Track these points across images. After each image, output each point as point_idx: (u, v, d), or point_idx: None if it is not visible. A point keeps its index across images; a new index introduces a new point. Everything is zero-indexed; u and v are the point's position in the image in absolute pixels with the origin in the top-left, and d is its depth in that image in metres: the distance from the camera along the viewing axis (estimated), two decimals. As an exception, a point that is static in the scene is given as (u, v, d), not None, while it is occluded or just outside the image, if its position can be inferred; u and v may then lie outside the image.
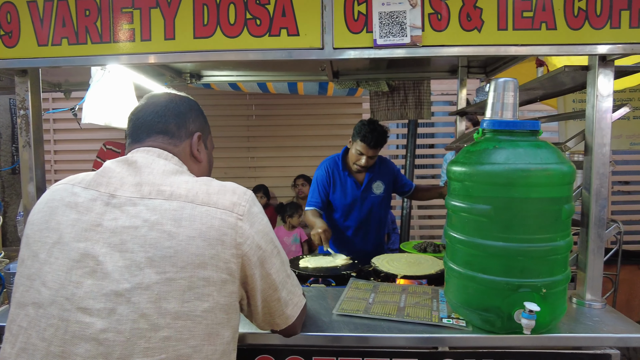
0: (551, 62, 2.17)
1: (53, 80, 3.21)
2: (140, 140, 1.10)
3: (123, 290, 0.86)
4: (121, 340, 0.84)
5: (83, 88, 3.00)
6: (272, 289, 1.03)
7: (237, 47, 1.31)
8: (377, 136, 2.45)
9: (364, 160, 2.51)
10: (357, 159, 2.54)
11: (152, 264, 0.87)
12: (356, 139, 2.51)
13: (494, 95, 1.29)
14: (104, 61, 1.36)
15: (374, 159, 2.56)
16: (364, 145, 2.46)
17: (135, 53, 1.34)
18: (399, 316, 1.34)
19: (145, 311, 0.85)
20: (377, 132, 2.46)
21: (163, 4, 1.32)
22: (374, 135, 2.44)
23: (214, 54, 1.31)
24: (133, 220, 0.91)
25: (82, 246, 0.90)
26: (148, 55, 1.33)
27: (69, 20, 1.36)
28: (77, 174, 1.05)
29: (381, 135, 2.48)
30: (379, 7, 1.27)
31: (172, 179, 0.98)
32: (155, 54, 1.33)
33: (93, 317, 0.86)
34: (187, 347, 0.87)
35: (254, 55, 1.30)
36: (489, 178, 1.20)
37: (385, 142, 2.56)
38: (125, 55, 1.34)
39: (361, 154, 2.50)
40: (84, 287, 0.88)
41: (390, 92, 3.05)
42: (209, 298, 0.90)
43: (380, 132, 2.48)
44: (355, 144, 2.53)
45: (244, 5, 1.30)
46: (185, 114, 1.14)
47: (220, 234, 0.92)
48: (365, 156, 2.50)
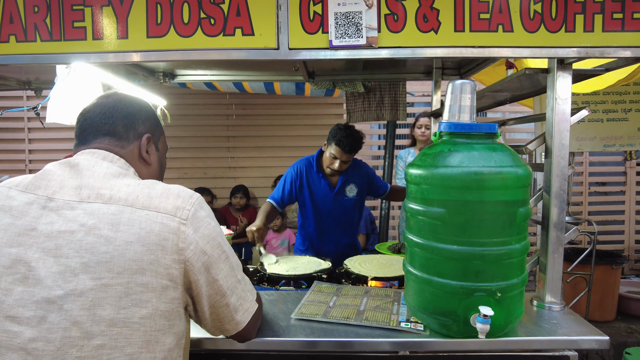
0: (522, 65, 2.18)
1: (22, 78, 3.13)
2: (86, 142, 1.07)
3: (55, 297, 0.83)
4: (51, 349, 0.81)
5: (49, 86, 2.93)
6: (219, 295, 1.01)
7: (191, 46, 1.28)
8: (352, 141, 2.44)
9: (338, 164, 2.50)
10: (331, 162, 2.52)
11: (87, 270, 0.85)
12: (331, 143, 2.50)
13: (451, 97, 1.28)
14: (53, 60, 1.32)
15: (347, 163, 2.55)
16: (338, 149, 2.45)
17: (86, 52, 1.30)
18: (357, 320, 1.32)
19: (78, 319, 0.83)
20: (353, 138, 2.45)
21: (115, 2, 1.29)
22: (349, 140, 2.43)
23: (167, 54, 1.28)
24: (69, 224, 0.88)
25: (14, 251, 0.87)
26: (100, 54, 1.30)
27: (17, 16, 1.32)
28: (17, 177, 1.01)
29: (356, 141, 2.47)
30: (334, 7, 1.26)
31: (113, 182, 0.95)
32: (107, 52, 1.30)
33: (22, 326, 0.82)
34: (123, 355, 0.85)
35: (209, 55, 1.28)
36: (443, 181, 1.19)
37: (360, 147, 2.55)
38: (76, 54, 1.31)
39: (335, 157, 2.49)
40: (13, 295, 0.84)
41: (367, 93, 3.04)
42: (147, 304, 0.87)
43: (356, 137, 2.47)
44: (330, 148, 2.51)
45: (198, 5, 1.27)
46: (135, 115, 1.11)
47: (161, 239, 0.90)
48: (339, 160, 2.49)
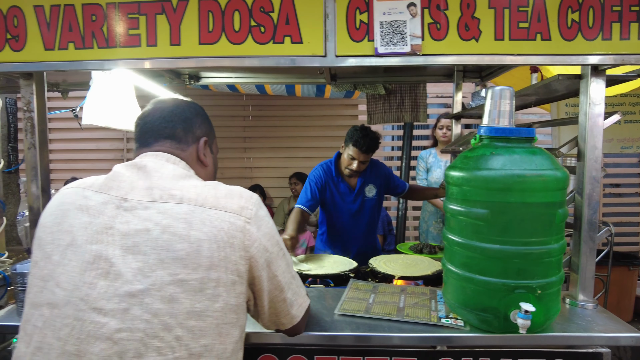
0: (545, 68, 2.22)
1: (51, 80, 3.20)
2: (148, 144, 1.12)
3: (136, 291, 0.89)
4: (135, 339, 0.87)
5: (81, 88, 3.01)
6: (278, 289, 1.07)
7: (242, 53, 1.34)
8: (369, 141, 2.50)
9: (356, 165, 2.55)
10: (349, 163, 2.58)
11: (165, 266, 0.90)
12: (348, 144, 2.55)
13: (490, 103, 1.33)
14: (110, 65, 1.39)
15: (365, 163, 2.61)
16: (356, 150, 2.50)
17: (141, 58, 1.36)
18: (399, 316, 1.38)
19: (158, 311, 0.88)
20: (369, 138, 2.50)
21: (169, 10, 1.35)
22: (365, 140, 2.48)
23: (219, 60, 1.34)
24: (145, 223, 0.94)
25: (95, 248, 0.93)
26: (153, 60, 1.36)
27: (76, 25, 1.38)
28: (87, 178, 1.07)
29: (373, 140, 2.52)
30: (380, 16, 1.31)
31: (181, 183, 1.01)
32: (161, 59, 1.36)
33: (107, 317, 0.88)
34: (199, 346, 0.90)
35: (258, 62, 1.33)
36: (486, 183, 1.24)
37: (377, 147, 2.60)
38: (131, 60, 1.37)
39: (353, 158, 2.54)
40: (97, 288, 0.90)
41: (387, 95, 3.09)
42: (219, 299, 0.93)
43: (372, 137, 2.52)
44: (347, 149, 2.57)
45: (249, 13, 1.33)
46: (192, 119, 1.17)
47: (229, 236, 0.95)
48: (357, 161, 2.54)
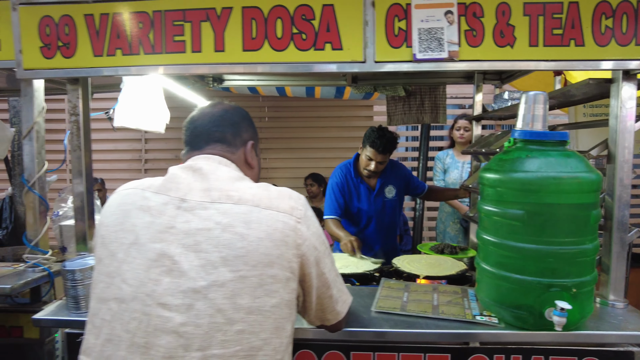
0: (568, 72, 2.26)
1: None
2: (199, 148, 1.17)
3: (200, 287, 0.94)
4: (200, 333, 0.92)
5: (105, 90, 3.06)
6: (325, 286, 1.12)
7: (284, 59, 1.39)
8: (385, 142, 2.54)
9: (374, 166, 2.59)
10: (367, 164, 2.62)
11: (226, 263, 0.95)
12: (366, 145, 2.59)
13: (524, 107, 1.37)
14: (156, 71, 1.44)
15: (383, 164, 2.65)
16: (373, 150, 2.55)
17: (186, 64, 1.42)
18: (434, 313, 1.42)
19: (222, 306, 0.93)
20: (386, 138, 2.54)
21: (213, 17, 1.40)
22: (382, 141, 2.52)
23: (263, 66, 1.39)
24: (206, 222, 0.98)
25: (158, 247, 0.98)
26: (199, 66, 1.41)
27: (123, 32, 1.44)
28: (143, 179, 1.13)
29: (390, 141, 2.56)
30: (418, 23, 1.36)
31: (237, 185, 1.06)
32: (205, 65, 1.41)
33: (172, 312, 0.93)
34: (259, 339, 0.95)
35: (301, 68, 1.38)
36: (523, 185, 1.29)
37: (395, 148, 2.64)
38: (176, 66, 1.42)
39: (371, 159, 2.59)
40: (162, 285, 0.95)
41: (407, 96, 3.13)
42: (276, 294, 0.98)
43: (389, 138, 2.56)
44: (365, 150, 2.61)
45: (291, 21, 1.38)
46: (240, 124, 1.22)
47: (284, 235, 1.00)
48: (375, 161, 2.58)
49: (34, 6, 1.47)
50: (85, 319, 1.47)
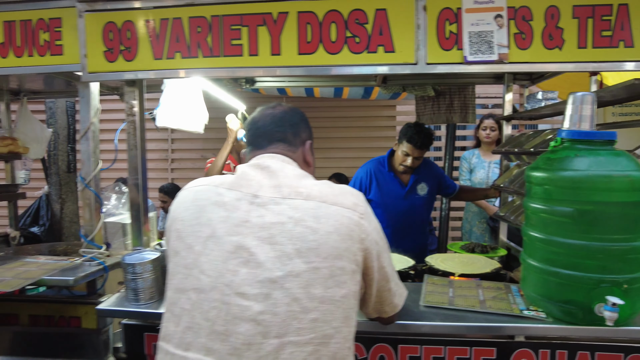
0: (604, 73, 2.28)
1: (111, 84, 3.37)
2: (262, 147, 1.23)
3: (276, 277, 0.99)
4: (277, 321, 0.97)
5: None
6: (384, 280, 1.17)
7: (338, 62, 1.45)
8: (423, 137, 2.58)
9: (410, 161, 2.63)
10: (404, 159, 2.66)
11: (300, 255, 1.00)
12: (402, 141, 2.64)
13: (572, 107, 1.40)
14: (213, 73, 1.51)
15: (419, 160, 2.69)
16: (410, 146, 2.59)
17: (242, 67, 1.48)
18: (482, 308, 1.46)
19: (297, 295, 0.98)
20: (423, 134, 2.59)
21: (269, 22, 1.46)
22: (420, 136, 2.57)
23: (318, 69, 1.45)
24: (279, 217, 1.04)
25: (235, 239, 1.04)
26: (255, 69, 1.48)
27: (182, 36, 1.51)
28: (213, 177, 1.19)
29: (427, 137, 2.61)
30: (468, 27, 1.40)
31: (304, 182, 1.12)
32: (261, 67, 1.47)
33: (250, 301, 0.99)
34: (330, 328, 1.00)
35: (355, 70, 1.44)
36: (573, 183, 1.32)
37: (431, 143, 2.68)
38: (234, 69, 1.49)
39: (407, 154, 2.63)
40: (240, 275, 1.01)
41: (436, 96, 3.16)
42: (344, 285, 1.03)
43: (426, 134, 2.60)
44: (401, 146, 2.66)
45: (345, 25, 1.44)
46: (299, 124, 1.28)
47: (349, 230, 1.05)
48: (412, 157, 2.62)
49: (98, 13, 1.54)
50: (144, 310, 1.56)
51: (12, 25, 1.68)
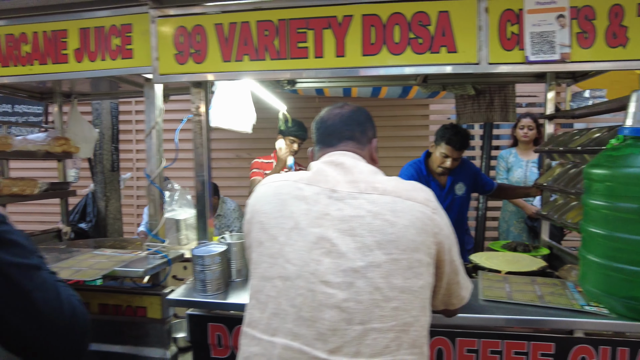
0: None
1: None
2: (332, 145, 1.29)
3: (358, 267, 1.05)
4: (361, 308, 1.03)
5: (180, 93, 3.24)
6: (454, 273, 1.21)
7: (401, 62, 1.50)
8: (461, 139, 2.60)
9: (449, 163, 2.65)
10: (442, 161, 2.68)
11: (380, 247, 1.06)
12: (440, 142, 2.66)
13: (636, 105, 1.42)
14: (280, 75, 1.58)
15: (458, 160, 2.71)
16: (449, 147, 2.61)
17: (309, 68, 1.55)
18: (541, 302, 1.49)
19: (379, 285, 1.04)
20: (461, 135, 2.61)
21: (334, 25, 1.52)
22: (458, 138, 2.59)
23: (381, 70, 1.50)
24: (357, 210, 1.10)
25: (317, 231, 1.10)
26: (321, 70, 1.54)
27: (250, 39, 1.58)
28: (289, 173, 1.26)
29: (465, 138, 2.63)
30: (530, 27, 1.43)
31: (377, 178, 1.17)
32: (327, 69, 1.53)
33: (334, 289, 1.04)
34: (410, 316, 1.05)
35: (416, 70, 1.49)
36: (637, 180, 1.34)
37: (469, 144, 2.70)
38: (300, 71, 1.55)
39: (446, 156, 2.65)
40: (323, 264, 1.07)
41: (476, 95, 3.17)
42: (422, 277, 1.08)
43: (464, 135, 2.63)
44: (439, 147, 2.68)
45: (408, 26, 1.49)
46: (365, 123, 1.33)
47: (423, 224, 1.10)
48: (451, 158, 2.64)
49: (170, 18, 1.63)
50: (212, 300, 1.64)
51: (86, 32, 1.79)
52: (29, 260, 1.03)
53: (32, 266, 1.03)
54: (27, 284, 0.99)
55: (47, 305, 1.01)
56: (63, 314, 1.04)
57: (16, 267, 0.98)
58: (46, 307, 1.01)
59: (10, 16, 1.86)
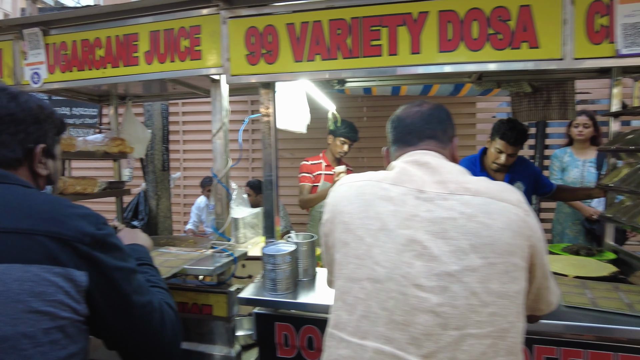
0: None
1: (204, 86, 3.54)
2: (412, 144, 1.26)
3: (453, 271, 1.01)
4: (456, 313, 0.99)
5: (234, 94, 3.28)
6: (544, 277, 1.16)
7: (479, 59, 1.45)
8: (517, 133, 2.51)
9: (504, 158, 2.56)
10: (497, 157, 2.59)
11: (475, 250, 1.02)
12: (495, 137, 2.57)
13: None
14: (352, 74, 1.56)
15: (513, 157, 2.61)
16: (503, 142, 2.52)
17: (382, 66, 1.52)
18: (632, 311, 1.41)
19: (476, 290, 1.00)
20: (517, 130, 2.52)
21: (409, 22, 1.49)
22: (513, 132, 2.50)
23: (458, 66, 1.46)
24: (449, 212, 1.06)
25: (406, 233, 1.07)
26: (395, 68, 1.51)
27: (322, 38, 1.57)
28: (367, 173, 1.23)
29: (521, 133, 2.53)
30: (622, 19, 1.36)
31: (467, 178, 1.13)
32: (401, 67, 1.51)
33: (427, 293, 1.01)
34: (507, 322, 1.01)
35: (496, 66, 1.44)
36: None
37: (526, 140, 2.60)
38: (373, 69, 1.53)
39: (501, 152, 2.56)
40: (415, 267, 1.04)
41: (533, 92, 3.06)
42: (517, 281, 1.03)
43: (521, 130, 2.53)
44: (494, 143, 2.59)
45: (487, 22, 1.44)
46: (446, 121, 1.29)
47: (518, 226, 1.05)
48: (505, 154, 2.55)
49: (241, 19, 1.65)
50: (282, 300, 1.64)
51: (156, 35, 1.83)
52: (128, 263, 1.06)
53: (131, 270, 1.06)
54: (127, 287, 1.02)
55: (142, 309, 1.04)
56: (154, 318, 1.07)
57: (119, 271, 1.01)
58: (141, 310, 1.04)
59: (85, 22, 1.93)
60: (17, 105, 1.05)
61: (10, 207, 0.94)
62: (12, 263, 0.87)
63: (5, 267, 0.86)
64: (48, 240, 0.90)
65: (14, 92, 1.06)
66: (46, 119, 1.10)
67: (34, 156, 1.07)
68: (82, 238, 0.94)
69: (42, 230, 0.91)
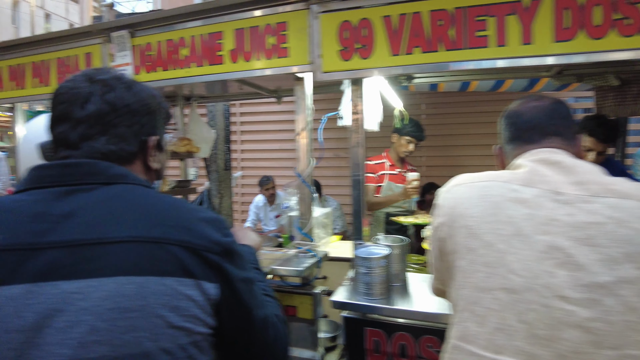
0: None
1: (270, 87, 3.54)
2: (534, 141, 1.15)
3: (605, 282, 0.90)
4: (611, 330, 0.88)
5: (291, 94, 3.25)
6: None
7: (601, 48, 1.33)
8: (605, 130, 2.34)
9: (592, 157, 2.39)
10: (584, 156, 2.42)
11: (630, 259, 0.90)
12: (582, 134, 2.40)
13: None
14: (455, 67, 1.47)
15: (602, 155, 2.43)
16: (592, 139, 2.37)
17: (488, 58, 1.43)
18: None
19: (635, 305, 0.88)
20: (608, 126, 2.35)
21: (520, 10, 1.39)
22: (603, 129, 2.34)
23: (575, 57, 1.34)
24: (594, 216, 0.95)
25: (545, 239, 0.97)
26: (503, 60, 1.41)
27: (421, 30, 1.49)
28: (495, 172, 1.13)
29: (611, 129, 2.36)
30: None
31: (611, 179, 1.02)
32: (511, 58, 1.40)
33: (574, 306, 0.91)
34: None
35: (624, 55, 1.31)
36: None
37: (617, 137, 2.41)
38: (478, 61, 1.44)
39: (589, 150, 2.39)
40: (558, 277, 0.94)
41: (620, 86, 2.84)
42: None
43: (610, 126, 2.36)
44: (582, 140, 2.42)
45: (611, 6, 1.31)
46: (569, 117, 1.18)
47: None
48: (595, 152, 2.38)
49: (334, 13, 1.60)
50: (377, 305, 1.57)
51: (241, 33, 1.81)
52: (249, 272, 1.01)
53: (251, 280, 1.01)
54: (250, 301, 0.97)
55: (260, 324, 1.00)
56: (269, 333, 1.02)
57: (243, 282, 0.96)
58: (259, 326, 1.00)
59: (169, 23, 1.94)
60: (133, 95, 0.98)
61: (137, 212, 0.86)
62: (148, 276, 0.81)
63: (143, 280, 0.80)
64: (180, 250, 0.83)
65: (129, 82, 1.00)
66: (158, 109, 1.04)
67: (148, 149, 1.00)
68: (212, 247, 0.87)
69: (174, 240, 0.84)
